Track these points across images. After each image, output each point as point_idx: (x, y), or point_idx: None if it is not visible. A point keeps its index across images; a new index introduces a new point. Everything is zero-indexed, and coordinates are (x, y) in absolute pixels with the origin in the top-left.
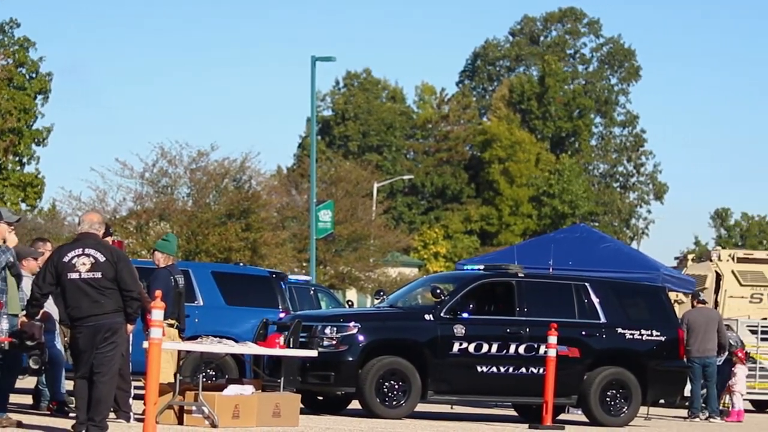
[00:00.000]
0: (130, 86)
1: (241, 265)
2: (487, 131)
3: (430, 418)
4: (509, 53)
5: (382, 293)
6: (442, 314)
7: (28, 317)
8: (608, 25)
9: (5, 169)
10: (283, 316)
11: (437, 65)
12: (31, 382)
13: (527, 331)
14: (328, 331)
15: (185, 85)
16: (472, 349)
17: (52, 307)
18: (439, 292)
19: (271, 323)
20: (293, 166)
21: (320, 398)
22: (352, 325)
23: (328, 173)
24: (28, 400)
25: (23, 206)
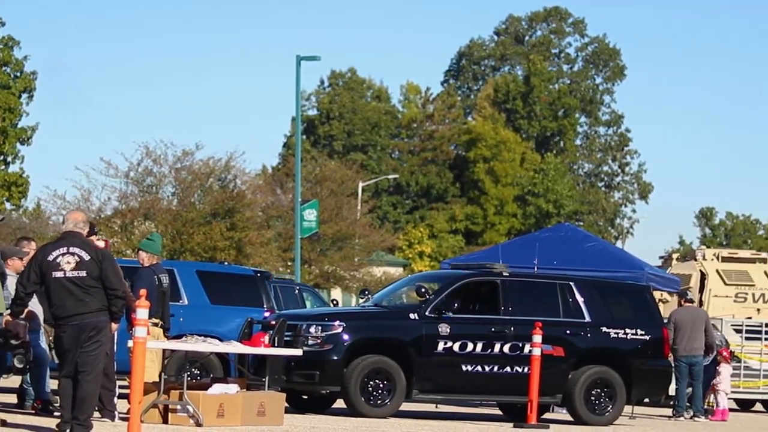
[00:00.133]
0: (115, 85)
1: (225, 264)
2: (472, 131)
3: (415, 417)
4: (494, 53)
5: (367, 292)
6: (427, 313)
7: (12, 316)
8: (593, 24)
9: None
10: (267, 315)
11: (422, 64)
12: (15, 381)
13: (512, 330)
14: (313, 330)
15: (170, 84)
16: (456, 348)
17: (37, 306)
18: (424, 291)
19: (255, 322)
20: (278, 165)
21: (305, 397)
22: (336, 324)
23: (313, 172)
24: (12, 399)
25: (8, 205)
